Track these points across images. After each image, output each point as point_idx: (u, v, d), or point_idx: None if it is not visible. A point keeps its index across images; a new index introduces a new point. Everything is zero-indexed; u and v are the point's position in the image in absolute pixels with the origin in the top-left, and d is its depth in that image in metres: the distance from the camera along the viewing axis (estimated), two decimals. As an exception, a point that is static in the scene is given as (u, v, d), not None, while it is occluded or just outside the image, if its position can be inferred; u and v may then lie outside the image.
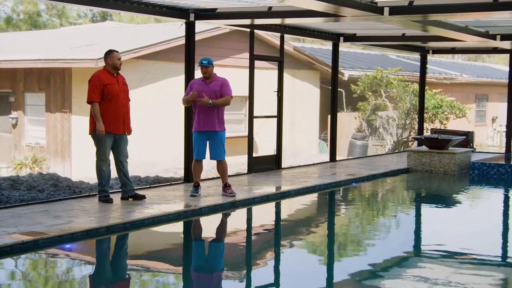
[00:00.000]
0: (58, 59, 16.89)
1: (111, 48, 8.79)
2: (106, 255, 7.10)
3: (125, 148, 8.76)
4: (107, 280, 6.18)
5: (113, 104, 8.50)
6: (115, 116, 8.53)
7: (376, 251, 7.33)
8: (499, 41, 13.17)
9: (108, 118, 8.46)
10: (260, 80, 12.91)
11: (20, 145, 18.48)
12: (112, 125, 8.51)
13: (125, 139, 8.77)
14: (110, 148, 8.63)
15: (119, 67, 8.64)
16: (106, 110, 8.46)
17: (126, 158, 8.79)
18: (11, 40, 25.21)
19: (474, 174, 13.19)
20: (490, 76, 31.39)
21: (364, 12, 9.14)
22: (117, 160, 8.75)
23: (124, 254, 7.12)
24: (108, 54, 8.66)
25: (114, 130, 8.54)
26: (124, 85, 8.76)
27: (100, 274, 6.30)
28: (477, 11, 9.17)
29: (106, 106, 8.46)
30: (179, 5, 10.05)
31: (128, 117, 8.74)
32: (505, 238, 8.31)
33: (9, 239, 6.57)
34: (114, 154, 8.74)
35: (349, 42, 14.55)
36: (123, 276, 6.36)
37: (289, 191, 10.32)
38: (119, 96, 8.56)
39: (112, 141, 8.60)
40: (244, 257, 7.14)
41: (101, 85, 8.44)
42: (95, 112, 8.42)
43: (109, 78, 8.56)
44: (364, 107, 22.32)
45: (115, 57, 8.62)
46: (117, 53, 8.68)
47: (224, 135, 9.33)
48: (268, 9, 10.22)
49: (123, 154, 8.75)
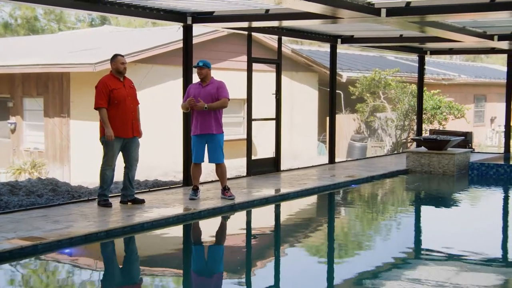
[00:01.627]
0: (56, 64, 16.89)
1: (115, 53, 8.79)
2: (106, 259, 7.09)
3: (135, 151, 8.75)
4: (107, 284, 6.17)
5: (121, 109, 8.49)
6: (124, 120, 8.52)
7: (376, 252, 7.32)
8: (497, 41, 13.18)
9: (117, 123, 8.46)
10: (258, 83, 12.90)
11: (19, 150, 18.46)
12: (121, 129, 8.50)
13: (136, 142, 8.76)
14: (118, 153, 8.62)
15: (124, 71, 8.63)
16: (114, 115, 8.46)
17: (136, 162, 8.79)
18: (9, 45, 25.22)
19: (473, 174, 13.19)
20: (488, 77, 31.41)
21: (361, 13, 9.15)
22: (127, 163, 8.75)
23: (123, 259, 7.10)
24: (112, 58, 8.67)
25: (123, 134, 8.54)
26: (132, 88, 8.75)
27: (100, 279, 6.29)
28: (474, 12, 9.18)
29: (113, 111, 8.46)
30: (176, 8, 10.06)
31: (136, 120, 8.73)
32: (505, 239, 8.30)
33: (8, 244, 6.55)
34: (124, 157, 8.74)
35: (346, 44, 14.55)
36: (122, 281, 6.35)
37: (288, 194, 10.31)
38: (126, 100, 8.55)
39: (121, 146, 8.60)
40: (243, 260, 7.13)
41: (107, 91, 8.44)
42: (103, 118, 8.41)
43: (115, 83, 8.55)
44: (362, 109, 22.33)
45: (118, 62, 8.61)
46: (121, 57, 8.66)
47: (223, 138, 9.32)
48: (265, 11, 10.22)
49: (134, 158, 8.74)
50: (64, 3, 9.04)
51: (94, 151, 11.78)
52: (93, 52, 17.64)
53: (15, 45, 25.18)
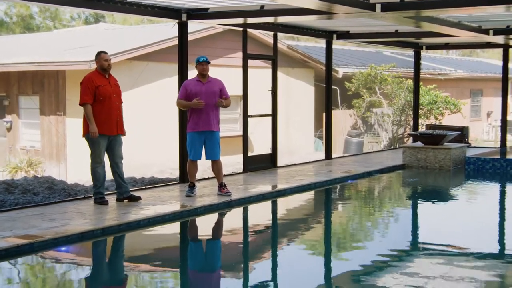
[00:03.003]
0: (52, 62, 16.84)
1: (100, 50, 8.77)
2: (102, 257, 7.09)
3: (119, 149, 8.74)
4: (103, 282, 6.16)
5: (106, 106, 8.48)
6: (108, 117, 8.51)
7: (373, 247, 7.33)
8: (492, 35, 13.18)
9: (101, 120, 8.44)
10: (254, 79, 12.89)
11: (15, 149, 18.43)
12: (106, 126, 8.49)
13: (119, 140, 8.75)
14: (104, 150, 8.61)
15: (108, 68, 8.60)
16: (99, 112, 8.44)
17: (121, 160, 8.78)
18: (4, 43, 25.15)
19: (469, 169, 13.21)
20: (484, 71, 31.42)
21: (356, 9, 9.15)
22: (112, 161, 8.73)
23: (120, 256, 7.10)
24: (96, 55, 8.66)
25: (107, 132, 8.52)
26: (116, 86, 8.74)
27: (96, 276, 6.28)
28: (469, 6, 9.18)
29: (98, 107, 8.44)
30: (171, 5, 10.04)
31: (121, 118, 8.72)
32: (502, 233, 8.32)
33: (4, 242, 6.54)
34: (109, 156, 8.72)
35: (342, 39, 14.54)
36: (119, 278, 6.34)
37: (284, 190, 10.31)
38: (111, 98, 8.54)
39: (106, 143, 8.58)
40: (240, 256, 7.13)
41: (93, 87, 8.42)
42: (87, 114, 8.40)
43: (101, 79, 8.53)
44: (359, 104, 22.33)
45: (102, 59, 8.58)
46: (105, 54, 8.63)
47: (219, 135, 9.34)
48: (260, 7, 10.20)
49: (118, 156, 8.73)
50: (59, 0, 9.02)
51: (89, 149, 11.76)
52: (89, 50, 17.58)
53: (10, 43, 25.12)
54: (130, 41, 18.21)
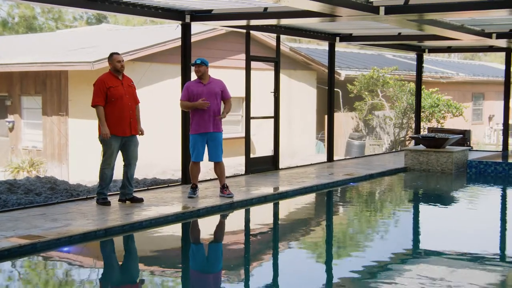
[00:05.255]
0: (54, 62, 16.86)
1: (112, 51, 8.78)
2: (104, 258, 7.09)
3: (134, 150, 8.74)
4: (106, 283, 6.17)
5: (118, 107, 8.48)
6: (120, 118, 8.51)
7: (374, 250, 7.33)
8: (495, 39, 13.19)
9: (114, 121, 8.46)
10: (257, 81, 12.90)
11: (17, 149, 18.45)
12: (118, 127, 8.50)
13: (135, 141, 8.75)
14: (117, 151, 8.61)
15: (121, 69, 8.62)
16: (111, 113, 8.46)
17: (135, 161, 8.78)
18: (7, 43, 25.17)
19: (471, 172, 13.20)
20: (486, 75, 31.42)
21: (360, 11, 9.15)
22: (126, 161, 8.75)
23: (122, 257, 7.10)
24: (109, 57, 8.68)
25: (120, 133, 8.53)
26: (130, 87, 8.74)
27: (99, 277, 6.29)
28: (472, 10, 9.18)
29: (110, 108, 8.46)
30: (174, 6, 10.05)
31: (135, 118, 8.72)
32: (503, 237, 8.32)
33: (6, 242, 6.55)
34: (123, 156, 8.73)
35: (345, 42, 14.55)
36: (121, 279, 6.35)
37: (286, 192, 10.31)
38: (123, 98, 8.54)
39: (119, 144, 8.59)
40: (242, 258, 7.13)
41: (104, 88, 8.44)
42: (99, 116, 8.41)
43: (113, 81, 8.55)
44: (361, 107, 22.34)
45: (115, 60, 8.61)
46: (117, 56, 8.65)
47: (222, 136, 9.35)
48: (263, 10, 10.22)
49: (132, 156, 8.74)
50: (63, 1, 9.03)
51: (92, 149, 11.79)
52: (91, 51, 17.62)
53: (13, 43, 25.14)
54: (133, 42, 18.23)
